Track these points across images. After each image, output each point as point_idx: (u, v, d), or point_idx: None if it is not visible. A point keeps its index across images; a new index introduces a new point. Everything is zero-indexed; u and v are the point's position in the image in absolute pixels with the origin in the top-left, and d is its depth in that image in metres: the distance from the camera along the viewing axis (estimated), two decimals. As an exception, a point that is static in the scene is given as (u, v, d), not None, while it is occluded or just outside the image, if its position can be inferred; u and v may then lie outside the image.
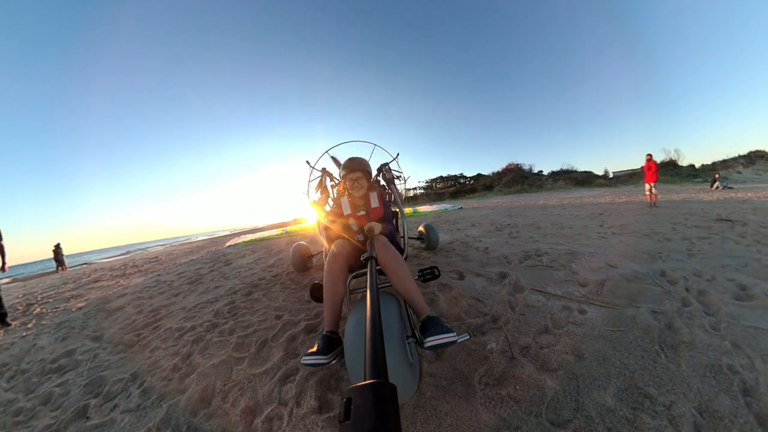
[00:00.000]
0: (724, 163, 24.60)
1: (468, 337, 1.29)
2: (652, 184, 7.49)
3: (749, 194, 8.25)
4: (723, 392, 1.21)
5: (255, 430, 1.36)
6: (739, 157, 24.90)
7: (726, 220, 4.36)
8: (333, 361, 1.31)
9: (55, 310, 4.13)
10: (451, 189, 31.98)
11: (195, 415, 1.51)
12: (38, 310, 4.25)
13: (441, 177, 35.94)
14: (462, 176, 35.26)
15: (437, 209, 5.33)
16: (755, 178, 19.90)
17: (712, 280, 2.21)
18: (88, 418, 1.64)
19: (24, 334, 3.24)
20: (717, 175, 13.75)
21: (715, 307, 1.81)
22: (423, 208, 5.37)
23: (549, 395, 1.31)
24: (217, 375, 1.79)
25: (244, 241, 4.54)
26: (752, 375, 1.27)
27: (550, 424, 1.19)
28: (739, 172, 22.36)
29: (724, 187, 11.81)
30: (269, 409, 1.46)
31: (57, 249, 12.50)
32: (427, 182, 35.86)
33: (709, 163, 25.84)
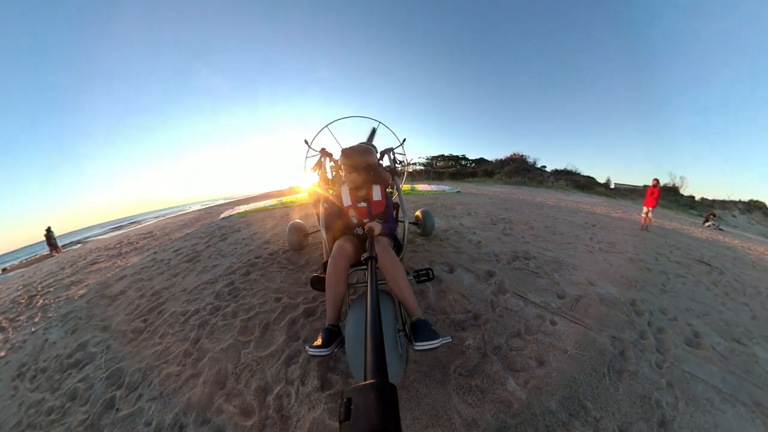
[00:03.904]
0: (723, 204, 24.78)
1: (450, 339, 1.46)
2: (650, 209, 7.61)
3: (736, 241, 8.52)
4: (643, 420, 1.47)
5: (268, 406, 1.57)
6: (739, 201, 25.07)
7: (707, 263, 4.59)
8: (334, 351, 1.48)
9: (57, 299, 4.04)
10: (451, 170, 31.28)
11: (214, 397, 1.67)
12: (41, 301, 4.16)
13: (442, 156, 34.88)
14: (464, 158, 34.33)
15: (435, 189, 5.28)
16: (747, 226, 20.30)
17: (674, 320, 2.43)
18: (117, 409, 1.74)
19: (33, 329, 3.21)
20: (713, 215, 13.94)
21: (666, 347, 2.04)
22: (421, 187, 5.34)
23: (508, 391, 1.56)
24: (227, 358, 1.94)
25: (238, 213, 4.37)
26: (672, 413, 1.52)
27: (503, 414, 1.44)
28: (734, 216, 22.69)
29: (716, 228, 12.09)
30: (278, 388, 1.66)
31: (48, 233, 12.32)
32: (427, 159, 34.78)
33: (710, 198, 26.01)
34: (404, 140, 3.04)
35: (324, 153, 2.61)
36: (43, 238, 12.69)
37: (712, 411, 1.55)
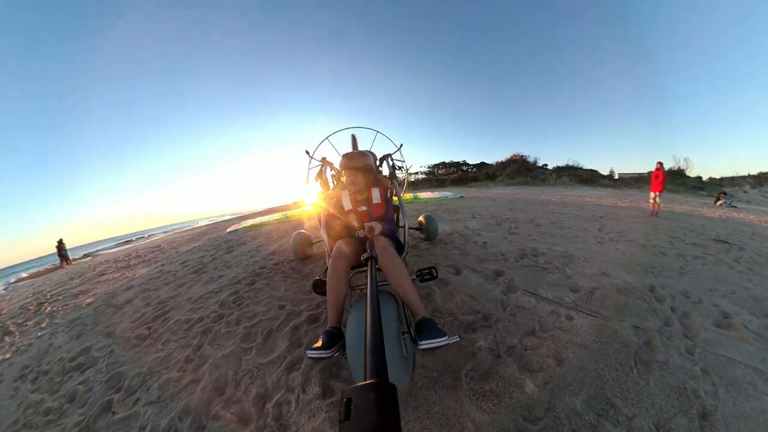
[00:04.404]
0: (732, 180, 24.30)
1: (458, 339, 1.38)
2: (657, 194, 7.44)
3: (752, 216, 8.24)
4: (682, 414, 1.33)
5: (266, 414, 1.50)
6: (748, 176, 24.54)
7: (724, 241, 4.40)
8: (335, 354, 1.43)
9: (65, 307, 4.15)
10: (453, 176, 31.59)
11: (212, 403, 1.63)
12: (49, 308, 4.28)
13: (443, 163, 35.32)
14: (465, 163, 34.69)
15: (438, 196, 5.32)
16: (761, 200, 19.77)
17: (698, 303, 2.28)
18: (114, 412, 1.73)
19: (39, 334, 3.28)
20: (723, 193, 13.61)
21: (694, 331, 1.90)
22: (424, 195, 5.41)
23: (526, 393, 1.43)
24: (228, 365, 1.91)
25: (244, 227, 4.55)
26: (713, 402, 1.38)
27: (523, 420, 1.32)
28: (746, 192, 22.16)
29: (728, 206, 11.76)
30: (278, 396, 1.59)
31: (60, 245, 12.79)
32: (429, 167, 35.25)
33: (717, 177, 25.53)
34: (401, 145, 3.11)
35: (325, 162, 2.68)
36: (55, 250, 12.95)
37: (756, 395, 1.41)
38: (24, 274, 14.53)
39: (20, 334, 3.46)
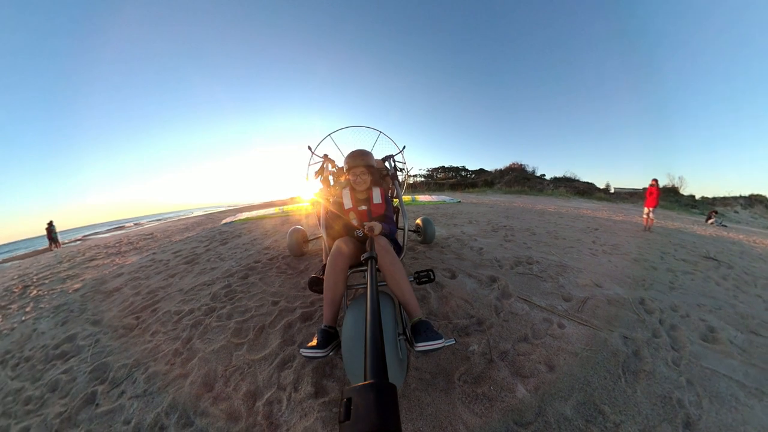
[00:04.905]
0: (724, 200, 24.82)
1: (454, 342, 1.40)
2: (650, 209, 7.58)
3: (741, 236, 8.41)
4: (667, 422, 1.37)
5: (257, 412, 1.48)
6: (740, 197, 25.10)
7: (713, 259, 4.50)
8: (330, 354, 1.41)
9: (51, 291, 4.04)
10: (451, 181, 31.93)
11: (200, 399, 1.59)
12: (35, 292, 4.15)
13: (443, 167, 35.71)
14: (464, 169, 35.10)
15: (436, 200, 5.38)
16: (750, 221, 20.22)
17: (686, 316, 2.34)
18: (97, 404, 1.68)
19: (23, 318, 3.19)
20: (715, 212, 13.90)
21: (681, 343, 1.95)
22: (422, 198, 5.48)
23: (517, 398, 1.46)
24: (218, 360, 1.87)
25: (240, 219, 4.51)
26: (697, 412, 1.42)
27: (514, 424, 1.35)
28: (737, 212, 22.63)
29: (719, 225, 12.00)
30: (269, 394, 1.57)
31: (50, 227, 12.55)
32: (428, 171, 35.66)
33: (710, 197, 26.05)
34: (404, 147, 3.11)
35: (327, 159, 2.66)
36: (44, 232, 12.68)
37: (738, 407, 1.46)
38: (16, 254, 14.19)
39: (3, 317, 3.35)
